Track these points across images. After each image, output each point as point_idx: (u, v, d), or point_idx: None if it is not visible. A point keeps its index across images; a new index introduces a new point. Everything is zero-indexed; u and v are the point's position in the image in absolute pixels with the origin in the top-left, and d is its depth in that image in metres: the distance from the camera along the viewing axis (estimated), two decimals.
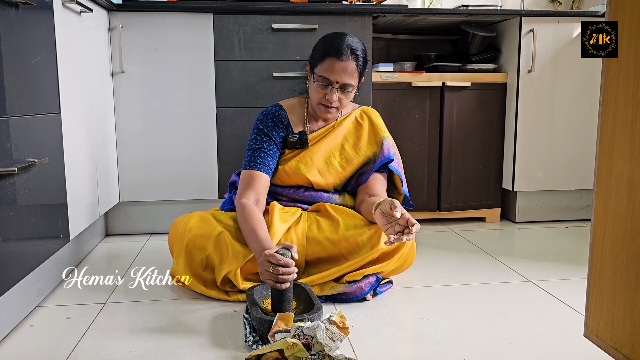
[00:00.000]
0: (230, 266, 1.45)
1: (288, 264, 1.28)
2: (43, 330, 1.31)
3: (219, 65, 2.13)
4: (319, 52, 1.61)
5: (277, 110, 1.70)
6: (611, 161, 0.96)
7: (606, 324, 0.98)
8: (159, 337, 1.27)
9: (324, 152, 1.67)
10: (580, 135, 2.37)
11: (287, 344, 1.04)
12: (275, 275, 1.27)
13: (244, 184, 1.60)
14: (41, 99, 1.40)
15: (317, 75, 1.59)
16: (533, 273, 1.72)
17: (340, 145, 1.69)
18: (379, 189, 1.66)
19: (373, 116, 1.74)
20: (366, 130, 1.71)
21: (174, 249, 1.62)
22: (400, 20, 2.36)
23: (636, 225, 0.90)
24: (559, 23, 2.29)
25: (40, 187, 1.37)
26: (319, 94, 1.60)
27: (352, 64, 1.57)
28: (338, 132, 1.69)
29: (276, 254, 1.28)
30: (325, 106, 1.61)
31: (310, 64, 1.64)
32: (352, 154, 1.68)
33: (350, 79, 1.58)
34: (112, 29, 2.05)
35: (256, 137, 1.65)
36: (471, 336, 1.26)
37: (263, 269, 1.30)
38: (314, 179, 1.64)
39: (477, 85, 2.35)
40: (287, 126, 1.68)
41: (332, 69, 1.56)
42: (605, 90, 0.97)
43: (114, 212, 2.22)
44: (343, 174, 1.67)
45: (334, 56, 1.56)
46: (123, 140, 2.13)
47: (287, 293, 1.30)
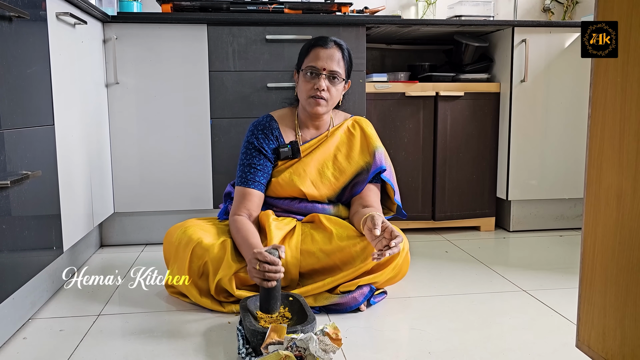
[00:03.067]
0: (224, 272, 1.46)
1: (274, 262, 1.31)
2: (36, 343, 1.31)
3: (213, 76, 2.14)
4: (304, 49, 1.67)
5: (267, 121, 1.70)
6: (600, 173, 0.96)
7: (597, 335, 0.99)
8: (153, 348, 1.26)
9: (317, 162, 1.67)
10: (573, 144, 2.38)
11: (279, 356, 1.04)
12: (262, 273, 1.30)
13: (237, 201, 1.63)
14: (35, 112, 1.41)
15: (305, 67, 1.63)
16: (527, 282, 1.73)
17: (333, 155, 1.69)
18: (372, 200, 1.66)
19: (365, 126, 1.75)
20: (358, 140, 1.71)
21: (169, 256, 1.61)
22: (394, 31, 2.37)
23: (625, 237, 0.90)
24: (551, 33, 2.31)
25: (34, 199, 1.37)
26: (307, 85, 1.62)
27: (337, 53, 1.62)
28: (331, 142, 1.70)
29: (263, 252, 1.32)
30: (315, 97, 1.61)
31: (297, 67, 1.69)
32: (345, 165, 1.68)
33: (337, 66, 1.61)
34: (106, 41, 2.06)
35: (246, 151, 1.66)
36: (465, 346, 1.27)
37: (251, 266, 1.34)
38: (307, 190, 1.65)
39: (470, 95, 2.37)
40: (278, 137, 1.68)
41: (318, 57, 1.61)
42: (593, 103, 0.98)
43: (109, 222, 2.22)
44: (336, 185, 1.68)
45: (320, 45, 1.62)
46: (117, 151, 2.13)
47: (274, 292, 1.32)
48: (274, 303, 1.33)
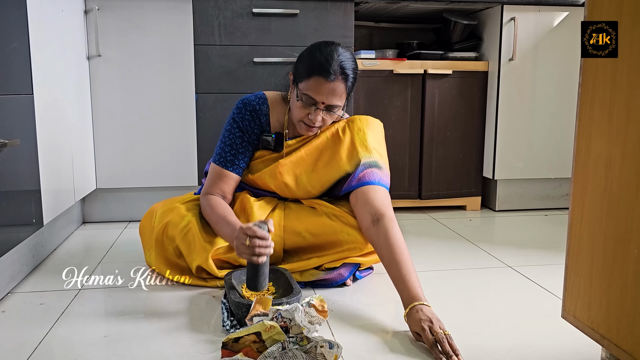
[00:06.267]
0: (200, 257, 1.42)
1: (264, 236, 1.22)
2: (15, 317, 1.28)
3: (198, 50, 2.09)
4: (305, 67, 1.42)
5: (259, 103, 1.54)
6: (589, 143, 0.96)
7: (583, 305, 0.99)
8: (135, 322, 1.24)
9: (296, 167, 1.52)
10: (560, 123, 2.39)
11: (264, 326, 1.03)
12: (252, 248, 1.22)
13: (212, 179, 1.53)
14: (13, 79, 1.36)
15: (302, 92, 1.42)
16: (512, 259, 1.73)
17: (315, 161, 1.52)
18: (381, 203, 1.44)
19: (355, 131, 1.53)
20: (345, 147, 1.51)
21: (144, 238, 1.57)
22: (383, 7, 2.34)
23: (613, 205, 0.90)
24: (540, 12, 2.29)
25: (12, 170, 1.33)
26: (301, 112, 1.45)
27: (341, 86, 1.40)
28: (314, 144, 1.53)
29: (252, 227, 1.23)
30: (308, 125, 1.48)
31: (294, 76, 1.47)
32: (323, 172, 1.51)
33: (337, 100, 1.42)
34: (88, 11, 2.00)
35: (231, 129, 1.53)
36: (451, 320, 1.26)
37: (239, 242, 1.25)
38: (281, 193, 1.56)
39: (458, 74, 2.35)
40: (266, 125, 1.55)
41: (318, 90, 1.40)
42: (584, 71, 0.96)
43: (91, 198, 2.18)
44: (312, 194, 1.55)
45: (322, 76, 1.38)
46: (100, 126, 2.09)
47: (263, 268, 1.25)
48: (263, 280, 1.26)
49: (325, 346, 1.00)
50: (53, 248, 1.80)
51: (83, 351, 1.10)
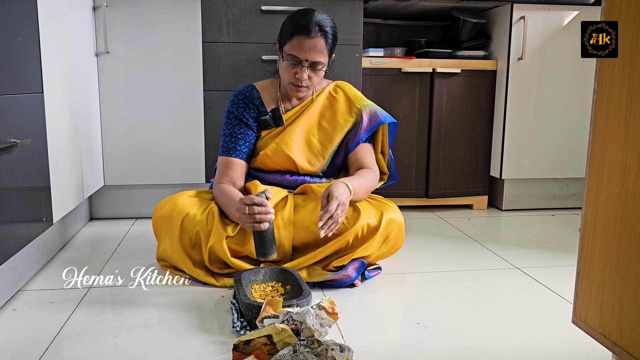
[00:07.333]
0: (214, 237, 1.45)
1: (262, 202, 1.32)
2: (26, 315, 1.28)
3: (206, 47, 2.09)
4: (287, 30, 1.57)
5: (248, 90, 1.68)
6: (604, 149, 0.95)
7: (595, 311, 0.99)
8: (145, 322, 1.25)
9: (302, 130, 1.65)
10: (569, 123, 2.38)
11: (276, 329, 1.03)
12: (252, 216, 1.31)
13: (220, 170, 1.63)
14: (23, 78, 1.36)
15: (286, 53, 1.56)
16: (520, 260, 1.73)
17: (318, 122, 1.67)
18: (367, 160, 1.66)
19: (347, 89, 1.72)
20: (342, 103, 1.68)
21: (160, 229, 1.58)
22: (391, 5, 2.33)
23: (628, 213, 0.90)
24: (550, 10, 2.28)
25: (23, 168, 1.34)
26: (289, 73, 1.58)
27: (321, 42, 1.54)
28: (313, 108, 1.67)
29: (250, 196, 1.34)
30: (296, 85, 1.59)
31: (279, 42, 1.61)
32: (330, 130, 1.66)
33: (319, 56, 1.55)
34: (96, 8, 2.00)
35: (227, 121, 1.65)
36: (459, 322, 1.27)
37: (240, 213, 1.34)
38: (297, 159, 1.63)
39: (467, 72, 2.34)
40: (260, 106, 1.66)
41: (300, 47, 1.53)
42: (600, 77, 0.96)
43: (99, 195, 2.18)
44: (325, 152, 1.66)
45: (302, 34, 1.53)
46: (108, 123, 2.09)
47: (267, 235, 1.33)
48: (270, 246, 1.34)
49: (337, 349, 1.00)
50: (62, 245, 1.81)
51: (94, 352, 1.10)
